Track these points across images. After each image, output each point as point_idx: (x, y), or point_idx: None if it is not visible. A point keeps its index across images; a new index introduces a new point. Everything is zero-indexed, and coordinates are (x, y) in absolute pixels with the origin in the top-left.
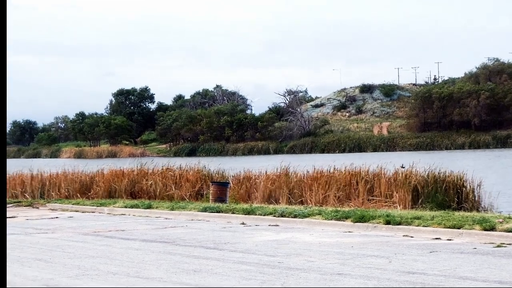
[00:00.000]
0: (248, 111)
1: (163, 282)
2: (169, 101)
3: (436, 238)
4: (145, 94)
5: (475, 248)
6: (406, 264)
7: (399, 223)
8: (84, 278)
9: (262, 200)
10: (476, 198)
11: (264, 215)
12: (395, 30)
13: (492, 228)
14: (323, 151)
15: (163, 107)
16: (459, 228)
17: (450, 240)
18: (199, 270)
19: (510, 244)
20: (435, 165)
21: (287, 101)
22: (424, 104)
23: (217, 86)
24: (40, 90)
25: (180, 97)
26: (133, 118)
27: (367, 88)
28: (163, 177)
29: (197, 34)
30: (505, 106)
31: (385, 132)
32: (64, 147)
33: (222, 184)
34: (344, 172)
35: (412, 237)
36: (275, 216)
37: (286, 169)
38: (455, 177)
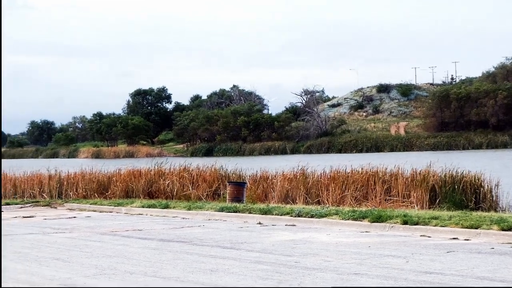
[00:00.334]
0: (265, 111)
1: (180, 282)
2: (186, 101)
3: (454, 238)
4: (162, 94)
5: (493, 248)
6: (423, 264)
7: (417, 223)
8: (101, 277)
9: (279, 200)
10: (494, 198)
11: (281, 215)
12: (412, 30)
13: (510, 228)
14: (340, 151)
15: (180, 107)
16: (476, 228)
17: (468, 240)
18: (216, 270)
19: None
20: (453, 165)
21: (304, 101)
22: (442, 103)
23: (234, 86)
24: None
25: (197, 97)
26: (150, 118)
27: (384, 88)
28: (180, 177)
29: (214, 34)
30: None
31: (402, 132)
32: (82, 147)
33: (239, 184)
34: (361, 172)
35: (429, 237)
36: (292, 216)
37: (303, 169)
38: (473, 177)
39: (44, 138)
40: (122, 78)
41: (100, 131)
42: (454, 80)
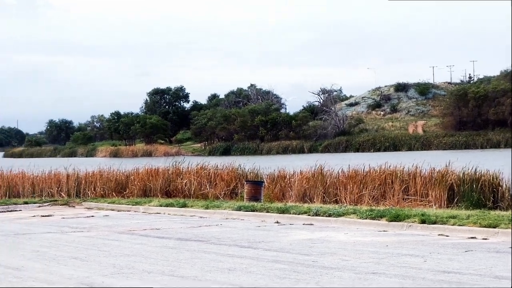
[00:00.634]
0: (283, 110)
1: (197, 281)
2: (204, 100)
3: (472, 237)
4: (180, 94)
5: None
6: (441, 263)
7: (434, 222)
8: (119, 276)
9: (297, 199)
10: None
11: (299, 214)
12: (430, 29)
13: None
14: (357, 150)
15: (198, 106)
16: (494, 227)
17: (486, 239)
18: (233, 269)
19: None
20: (471, 163)
21: (321, 100)
22: (459, 102)
23: (251, 85)
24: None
25: (214, 96)
26: (168, 117)
27: (402, 87)
28: (197, 176)
29: (232, 34)
30: None
31: (420, 131)
32: (100, 146)
33: (256, 183)
34: (379, 171)
35: (447, 236)
36: (309, 215)
37: (320, 168)
38: (491, 176)
39: (62, 137)
40: (140, 77)
41: (118, 130)
42: (472, 79)
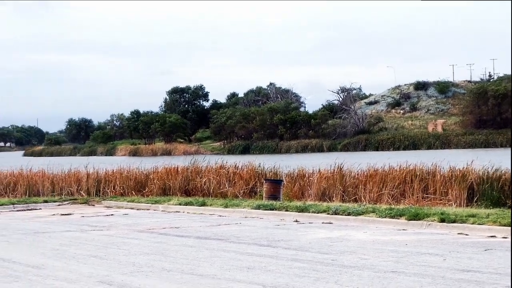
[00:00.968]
0: (302, 109)
1: (217, 279)
2: (223, 99)
3: (491, 236)
4: (199, 92)
5: None
6: (460, 262)
7: (454, 221)
8: (138, 274)
9: (316, 198)
10: None
11: (318, 213)
12: (450, 27)
13: None
14: (377, 148)
15: (217, 105)
16: None
17: (506, 238)
18: (252, 267)
19: None
20: (491, 162)
21: (340, 98)
22: (479, 101)
23: (270, 84)
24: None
25: (234, 95)
26: (187, 116)
27: (421, 85)
28: (217, 174)
29: (252, 33)
30: None
31: (439, 129)
32: (119, 145)
33: (275, 182)
34: (398, 170)
35: (467, 235)
36: (328, 213)
37: (340, 166)
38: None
39: (82, 136)
40: (160, 76)
41: (137, 129)
42: (492, 77)
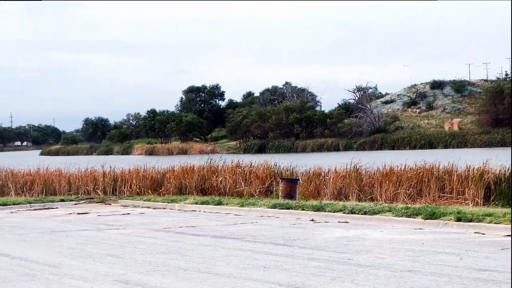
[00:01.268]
0: (318, 108)
1: (233, 278)
2: (239, 98)
3: (508, 235)
4: (215, 92)
5: None
6: (477, 261)
7: (470, 220)
8: (155, 273)
9: (332, 197)
10: None
11: (334, 212)
12: (465, 26)
13: None
14: (393, 147)
15: (233, 104)
16: None
17: None
18: (268, 266)
19: None
20: (507, 162)
21: (356, 97)
22: (495, 99)
23: (286, 83)
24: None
25: (249, 94)
26: (203, 115)
27: (437, 84)
28: (232, 173)
29: (267, 32)
30: None
31: (456, 128)
32: (136, 144)
33: (291, 181)
34: (415, 169)
35: (483, 234)
36: (344, 213)
37: (356, 165)
38: None
39: (98, 135)
40: (176, 75)
41: (153, 128)
42: (508, 76)
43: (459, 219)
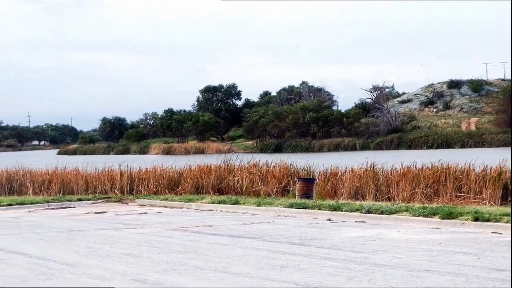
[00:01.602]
0: (334, 107)
1: (250, 278)
2: (255, 97)
3: None
4: (232, 91)
5: None
6: (494, 261)
7: (488, 220)
8: (172, 273)
9: (349, 196)
10: None
11: (351, 212)
12: (483, 25)
13: None
14: (410, 147)
15: (249, 104)
16: None
17: None
18: (285, 266)
19: None
20: None
21: (373, 96)
22: None
23: (303, 82)
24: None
25: (266, 93)
26: (220, 114)
27: (455, 84)
28: (249, 173)
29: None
30: None
31: (473, 128)
32: (153, 143)
33: (308, 180)
34: (432, 169)
35: (501, 234)
36: (361, 212)
37: (372, 165)
38: None
39: (115, 134)
40: (193, 75)
41: (170, 128)
42: None
43: (476, 219)
